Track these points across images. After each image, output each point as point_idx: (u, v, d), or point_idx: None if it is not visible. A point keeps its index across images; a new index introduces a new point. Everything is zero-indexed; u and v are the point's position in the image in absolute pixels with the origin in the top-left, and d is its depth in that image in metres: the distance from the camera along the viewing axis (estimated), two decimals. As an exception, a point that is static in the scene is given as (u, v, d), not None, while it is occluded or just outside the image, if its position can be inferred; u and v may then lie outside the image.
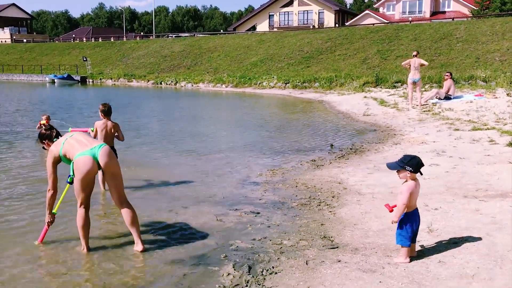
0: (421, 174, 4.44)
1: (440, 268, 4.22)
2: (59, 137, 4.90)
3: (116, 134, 7.21)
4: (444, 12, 61.95)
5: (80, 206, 4.76)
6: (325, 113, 17.90)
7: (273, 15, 72.92)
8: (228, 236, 5.36)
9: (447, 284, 3.93)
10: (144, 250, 4.81)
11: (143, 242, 4.89)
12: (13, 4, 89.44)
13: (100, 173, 6.91)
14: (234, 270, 4.43)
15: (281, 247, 4.96)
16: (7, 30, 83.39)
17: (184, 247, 5.05)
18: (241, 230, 5.53)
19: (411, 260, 4.40)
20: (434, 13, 62.02)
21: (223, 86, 34.06)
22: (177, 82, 38.22)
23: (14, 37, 79.09)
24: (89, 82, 45.94)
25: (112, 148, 6.76)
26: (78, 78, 46.18)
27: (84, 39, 73.80)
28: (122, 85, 40.88)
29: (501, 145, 9.59)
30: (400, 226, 4.41)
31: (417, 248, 4.61)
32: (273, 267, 4.46)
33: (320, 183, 7.48)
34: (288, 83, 30.16)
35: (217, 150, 10.54)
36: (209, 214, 6.11)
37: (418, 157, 4.40)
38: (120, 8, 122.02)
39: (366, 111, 16.60)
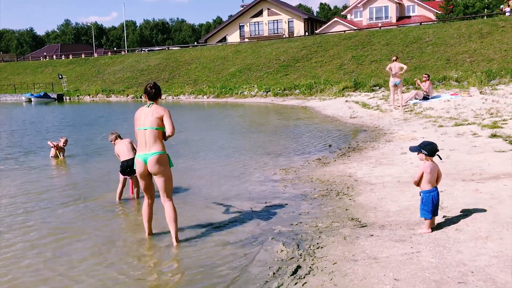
0: (440, 158, 5.30)
1: (458, 234, 5.09)
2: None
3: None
4: (409, 17, 64.23)
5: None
6: (313, 118, 18.84)
7: (243, 25, 73.95)
8: (267, 223, 6.13)
9: (466, 245, 4.79)
10: (177, 245, 5.46)
11: (178, 238, 5.53)
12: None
13: (130, 181, 7.65)
14: (285, 247, 5.20)
15: (318, 229, 5.76)
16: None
17: (234, 234, 5.78)
18: (277, 218, 6.31)
19: (432, 231, 5.26)
20: (400, 18, 64.26)
21: (205, 97, 34.79)
22: (157, 95, 38.66)
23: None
24: (66, 99, 45.95)
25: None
26: (54, 96, 46.13)
27: (54, 56, 73.32)
28: (101, 101, 41.14)
29: (484, 137, 10.63)
30: (422, 202, 5.26)
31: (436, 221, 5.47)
32: (317, 243, 5.25)
33: (332, 178, 8.32)
34: (269, 91, 31.12)
35: (228, 155, 11.31)
36: (243, 207, 6.87)
37: (435, 144, 5.28)
38: (88, 24, 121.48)
39: (352, 114, 17.62)
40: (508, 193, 6.30)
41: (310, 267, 4.63)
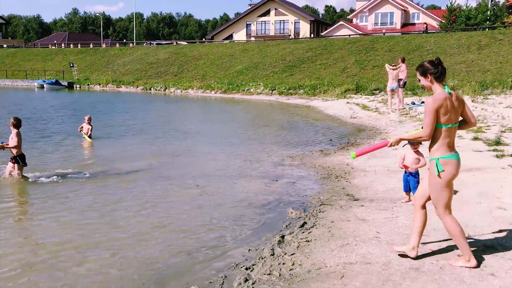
0: None
1: (430, 206, 6.58)
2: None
3: None
4: (414, 24, 65.68)
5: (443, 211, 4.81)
6: (316, 116, 20.35)
7: (250, 24, 75.32)
8: (279, 195, 7.65)
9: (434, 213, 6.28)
10: None
11: None
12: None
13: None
14: (294, 210, 6.72)
15: (320, 199, 7.26)
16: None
17: (256, 201, 7.32)
18: (287, 191, 7.83)
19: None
20: (405, 24, 65.74)
21: (212, 92, 36.26)
22: (166, 88, 40.18)
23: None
24: (76, 87, 47.32)
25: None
26: (65, 83, 47.52)
27: (63, 44, 74.65)
28: (111, 91, 42.56)
29: (467, 139, 12.11)
30: (418, 181, 6.75)
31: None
32: (319, 209, 6.75)
33: (332, 165, 9.82)
34: (274, 89, 32.60)
35: (242, 143, 12.99)
36: (259, 183, 8.40)
37: None
38: (97, 14, 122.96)
39: (352, 115, 19.11)
40: (474, 180, 7.82)
41: (314, 223, 6.13)
